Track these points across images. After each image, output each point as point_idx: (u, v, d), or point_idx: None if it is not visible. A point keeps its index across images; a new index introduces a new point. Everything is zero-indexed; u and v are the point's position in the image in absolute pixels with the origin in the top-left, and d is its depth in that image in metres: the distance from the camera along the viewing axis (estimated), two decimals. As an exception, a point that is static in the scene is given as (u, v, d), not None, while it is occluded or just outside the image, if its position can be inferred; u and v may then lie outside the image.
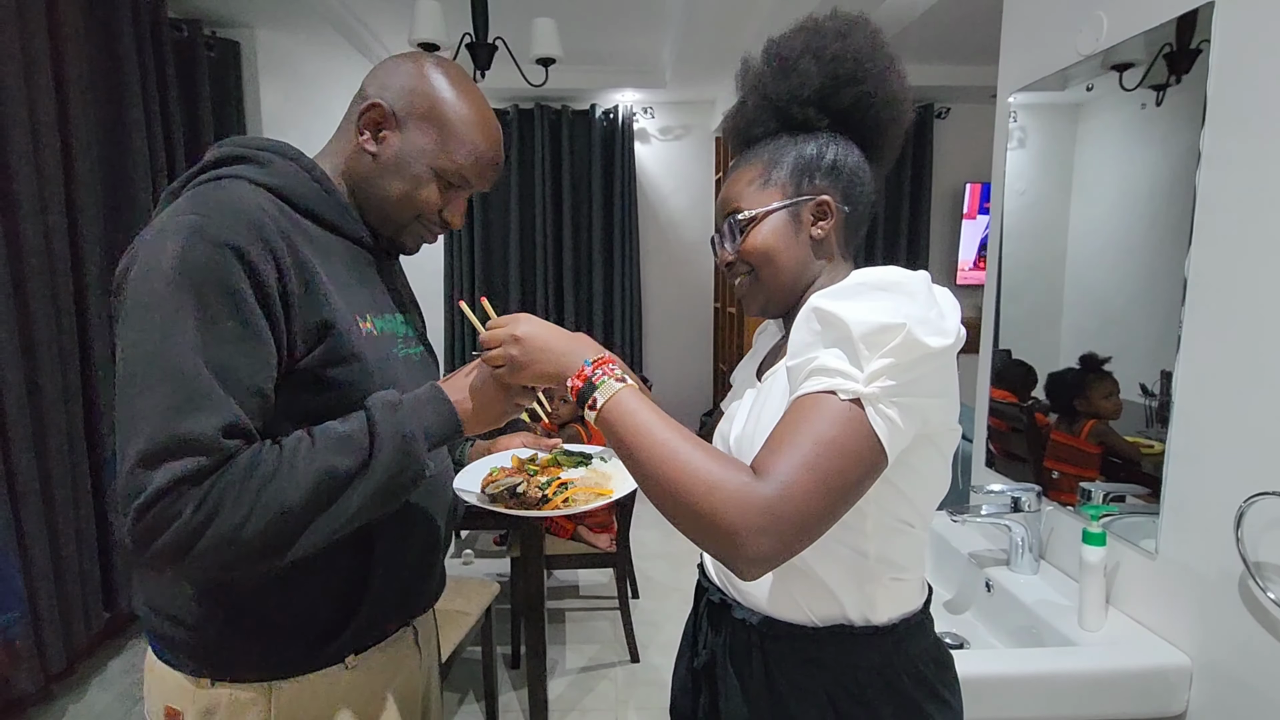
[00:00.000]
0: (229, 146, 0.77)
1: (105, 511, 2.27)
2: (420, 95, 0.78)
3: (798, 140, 0.76)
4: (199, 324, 0.63)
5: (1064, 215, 1.33)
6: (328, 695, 0.78)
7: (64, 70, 2.07)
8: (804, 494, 0.56)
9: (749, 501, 0.56)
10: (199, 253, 0.64)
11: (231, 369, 0.64)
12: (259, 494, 0.64)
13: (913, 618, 0.72)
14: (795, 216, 0.76)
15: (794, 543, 0.58)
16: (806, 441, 0.57)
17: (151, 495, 0.61)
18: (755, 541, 0.56)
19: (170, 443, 0.61)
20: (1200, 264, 0.99)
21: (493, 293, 4.40)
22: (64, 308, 2.09)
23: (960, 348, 0.63)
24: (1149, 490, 1.09)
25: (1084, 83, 1.25)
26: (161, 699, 0.78)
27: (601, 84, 3.97)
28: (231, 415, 0.64)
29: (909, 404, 0.60)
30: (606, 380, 0.66)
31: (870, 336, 0.59)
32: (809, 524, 0.57)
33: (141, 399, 0.62)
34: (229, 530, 0.62)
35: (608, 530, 2.44)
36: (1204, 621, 0.98)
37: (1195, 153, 0.99)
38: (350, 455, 0.67)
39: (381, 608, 0.81)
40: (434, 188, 0.80)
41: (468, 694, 2.16)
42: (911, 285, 0.63)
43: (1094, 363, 1.24)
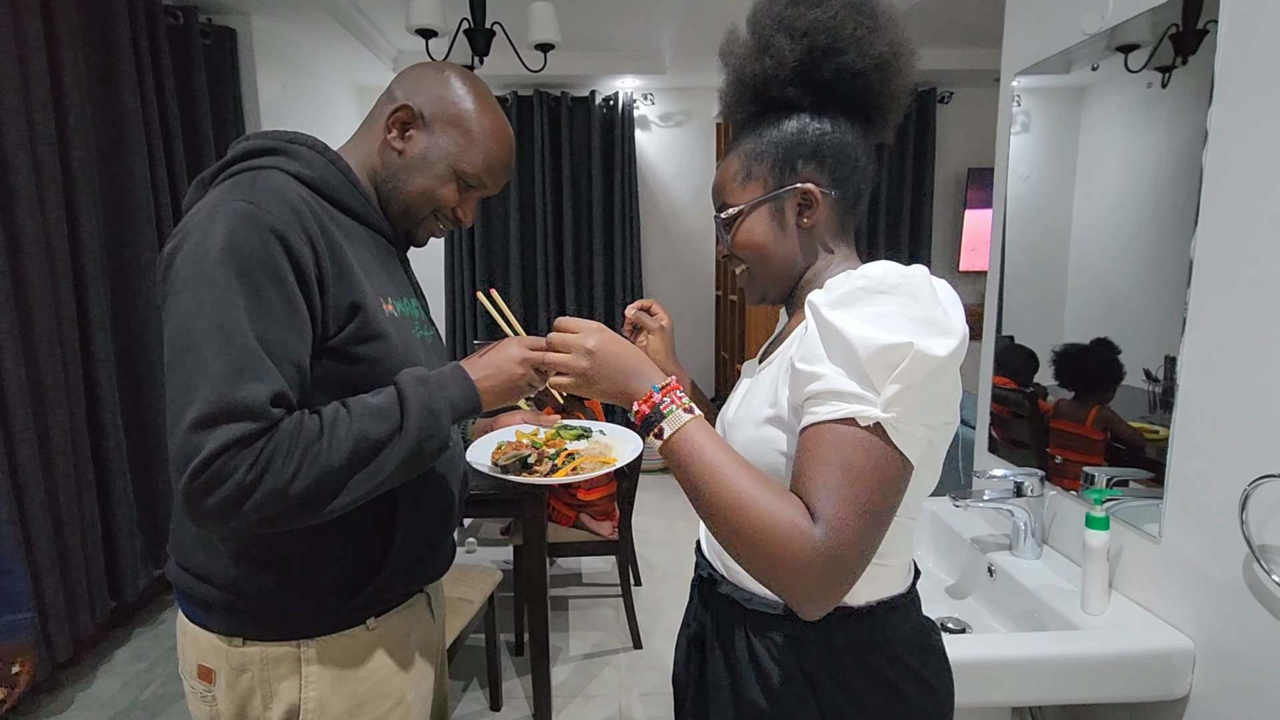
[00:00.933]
0: (258, 139, 0.81)
1: (110, 502, 2.28)
2: (447, 102, 0.85)
3: (779, 124, 0.73)
4: (248, 301, 0.68)
5: (1067, 200, 1.32)
6: (352, 654, 0.84)
7: (59, 58, 2.05)
8: (857, 536, 0.57)
9: (801, 549, 0.56)
10: (248, 236, 0.69)
11: (277, 343, 0.70)
12: (304, 456, 0.69)
13: (892, 601, 0.71)
14: (779, 209, 0.74)
15: (849, 582, 0.59)
16: (844, 477, 0.57)
17: (207, 456, 0.65)
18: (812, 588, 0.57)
19: (226, 408, 0.66)
20: (1206, 245, 0.98)
21: (493, 282, 4.39)
22: (64, 299, 2.08)
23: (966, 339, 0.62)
24: (1152, 475, 1.09)
25: (1088, 64, 1.23)
26: (195, 659, 0.83)
27: (601, 70, 3.94)
28: (279, 385, 0.69)
29: (930, 419, 0.61)
30: (675, 410, 0.65)
31: (878, 358, 0.57)
32: (862, 562, 0.59)
33: (197, 367, 0.67)
34: (279, 487, 0.68)
35: (610, 518, 2.44)
36: (1207, 605, 0.98)
37: (1201, 134, 0.98)
38: (383, 423, 0.73)
39: (401, 570, 0.85)
40: (453, 186, 0.87)
41: (471, 680, 2.17)
42: (912, 284, 0.61)
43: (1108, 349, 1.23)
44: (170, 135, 2.51)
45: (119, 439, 2.29)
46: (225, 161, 0.80)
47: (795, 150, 0.73)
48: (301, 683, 0.81)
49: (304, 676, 0.81)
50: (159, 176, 2.44)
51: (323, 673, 0.81)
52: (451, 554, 0.98)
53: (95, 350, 2.21)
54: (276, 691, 0.80)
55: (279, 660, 0.80)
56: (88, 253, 2.16)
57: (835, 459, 0.58)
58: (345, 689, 0.83)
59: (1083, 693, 1.02)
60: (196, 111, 2.66)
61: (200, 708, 0.84)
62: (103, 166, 2.30)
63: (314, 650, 0.81)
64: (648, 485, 3.78)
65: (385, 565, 0.83)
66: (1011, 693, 1.02)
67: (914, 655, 0.72)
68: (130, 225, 2.37)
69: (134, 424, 2.43)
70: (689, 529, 3.25)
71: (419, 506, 0.86)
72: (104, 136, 2.30)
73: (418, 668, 0.92)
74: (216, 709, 0.82)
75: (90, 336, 2.20)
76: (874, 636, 0.70)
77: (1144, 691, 1.02)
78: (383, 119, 0.85)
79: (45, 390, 2.00)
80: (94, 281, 2.19)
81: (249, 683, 0.80)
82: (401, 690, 0.89)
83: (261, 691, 0.80)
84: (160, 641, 2.40)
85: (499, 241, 4.34)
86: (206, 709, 0.83)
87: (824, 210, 0.74)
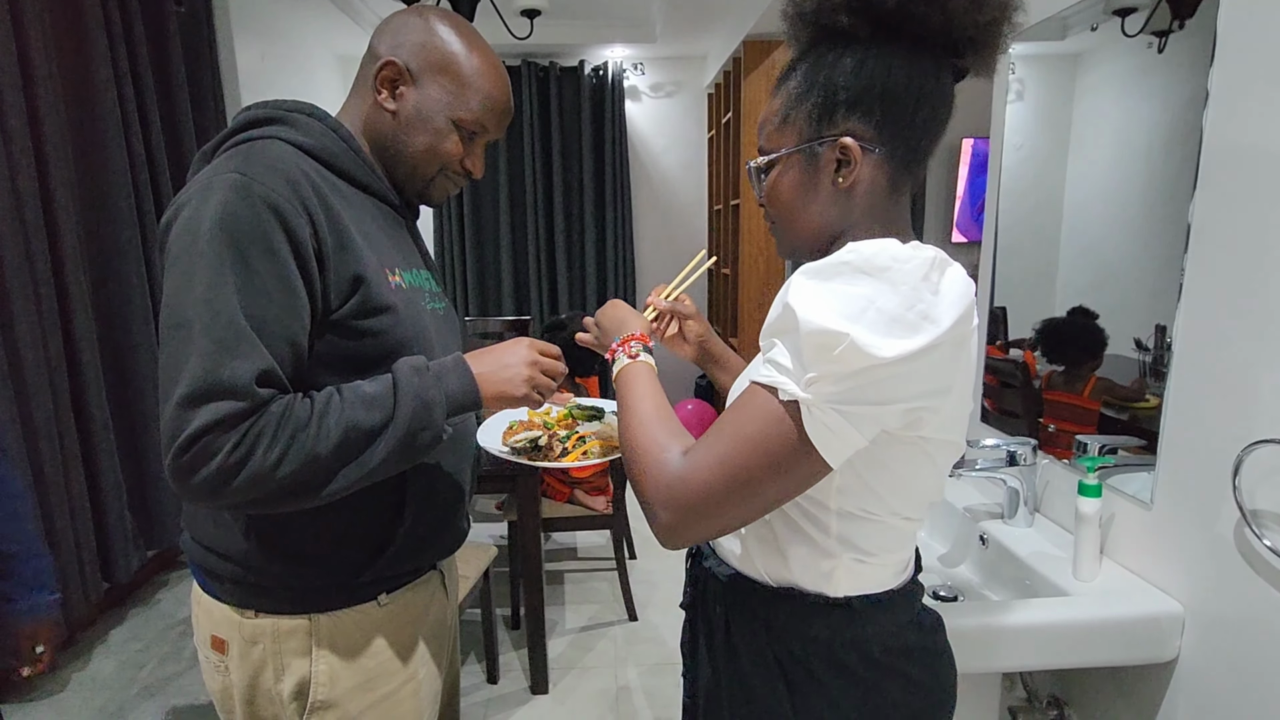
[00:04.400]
0: (258, 109, 0.79)
1: (98, 483, 2.26)
2: (432, 49, 0.81)
3: (828, 60, 0.63)
4: (238, 276, 0.67)
5: (1061, 170, 1.30)
6: (363, 629, 0.84)
7: (25, 28, 1.98)
8: (703, 482, 0.58)
9: (658, 476, 0.60)
10: (240, 209, 0.67)
11: (267, 320, 0.68)
12: (291, 440, 0.68)
13: (876, 597, 0.68)
14: (813, 163, 0.65)
15: (694, 525, 0.59)
16: (728, 432, 0.58)
17: (192, 434, 0.65)
18: (657, 514, 0.60)
19: (211, 386, 0.65)
20: (1204, 208, 0.96)
21: (483, 256, 4.34)
22: (41, 278, 2.04)
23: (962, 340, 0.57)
24: (1144, 443, 1.09)
25: (1084, 28, 1.20)
26: (209, 629, 0.83)
27: (590, 39, 3.85)
28: (266, 363, 0.67)
29: (859, 412, 0.55)
30: (621, 356, 0.74)
31: (813, 339, 0.54)
32: (709, 510, 0.58)
33: (184, 346, 0.66)
34: (263, 470, 0.67)
35: (604, 493, 2.45)
36: (1198, 569, 0.99)
37: (1199, 98, 0.96)
38: (375, 412, 0.72)
39: (411, 546, 0.85)
40: (455, 138, 0.83)
41: (469, 655, 2.19)
42: (901, 272, 0.54)
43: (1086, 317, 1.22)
44: (145, 107, 2.44)
45: (105, 419, 2.27)
46: (227, 133, 0.78)
47: (837, 96, 0.62)
48: (312, 656, 0.81)
49: (315, 650, 0.81)
50: (135, 151, 2.38)
51: (333, 647, 0.82)
52: (464, 530, 0.96)
53: (76, 329, 2.17)
54: (288, 664, 0.80)
55: (290, 633, 0.80)
56: (63, 228, 2.11)
57: (735, 415, 0.59)
58: (356, 664, 0.83)
59: (1073, 657, 1.03)
60: (172, 84, 2.58)
61: (214, 677, 0.84)
62: (76, 140, 2.23)
63: (325, 624, 0.81)
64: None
65: (394, 541, 0.83)
66: (1002, 659, 1.03)
67: (896, 653, 0.68)
68: (106, 201, 2.31)
69: (120, 404, 2.41)
70: (683, 502, 3.27)
71: (429, 482, 0.86)
72: (76, 110, 2.23)
73: (430, 645, 0.92)
74: (229, 679, 0.82)
75: (71, 315, 2.16)
76: (850, 630, 0.67)
77: (1133, 655, 1.03)
78: (370, 80, 0.82)
79: (25, 371, 1.96)
80: (72, 259, 2.14)
81: (261, 654, 0.80)
82: (414, 667, 0.89)
83: (273, 664, 0.80)
84: (155, 622, 2.40)
85: (489, 216, 4.29)
86: (220, 679, 0.83)
87: (866, 169, 0.64)
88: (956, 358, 0.57)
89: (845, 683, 0.67)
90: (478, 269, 4.34)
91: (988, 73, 0.65)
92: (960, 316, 0.55)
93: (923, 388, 0.56)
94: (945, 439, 0.62)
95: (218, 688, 0.84)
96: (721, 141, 3.93)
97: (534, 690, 2.02)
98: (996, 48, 0.63)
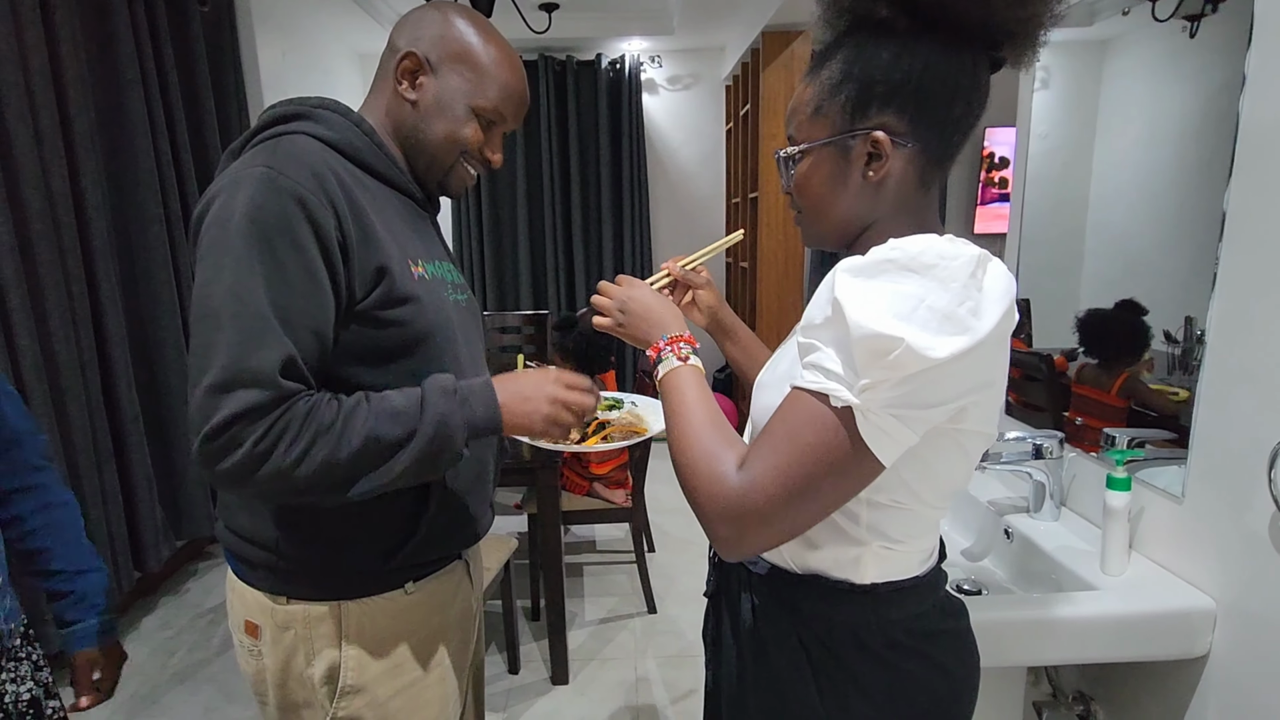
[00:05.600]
0: (284, 106, 0.81)
1: (130, 475, 2.31)
2: (450, 40, 0.83)
3: (863, 52, 0.62)
4: (265, 268, 0.68)
5: (1087, 158, 1.28)
6: (391, 616, 0.85)
7: (55, 30, 2.02)
8: (766, 496, 0.57)
9: (716, 491, 0.59)
10: (267, 202, 0.69)
11: (293, 310, 0.69)
12: (312, 443, 0.69)
13: (902, 583, 0.68)
14: (844, 156, 0.64)
15: (758, 538, 0.59)
16: (785, 443, 0.57)
17: (219, 423, 0.66)
18: (717, 529, 0.60)
19: (238, 374, 0.67)
20: (1241, 195, 0.94)
21: (501, 251, 4.36)
22: (73, 273, 2.08)
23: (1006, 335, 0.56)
24: (1174, 436, 1.07)
25: (1114, 13, 1.18)
26: (242, 614, 0.85)
27: (607, 32, 3.84)
28: (289, 351, 0.69)
29: (914, 415, 0.55)
30: (670, 357, 0.72)
31: (866, 344, 0.53)
32: (770, 522, 0.58)
33: (213, 334, 0.67)
34: (284, 467, 0.68)
35: (623, 486, 2.45)
36: (1231, 564, 0.97)
37: (1232, 83, 0.94)
38: (398, 427, 0.73)
39: (436, 534, 0.87)
40: (474, 125, 0.85)
41: (490, 645, 2.21)
42: (949, 268, 0.54)
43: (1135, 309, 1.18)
44: (171, 106, 2.48)
45: (135, 412, 2.32)
46: (254, 130, 0.80)
47: (872, 89, 0.61)
48: (342, 642, 0.82)
49: (344, 636, 0.83)
50: (161, 149, 2.42)
51: (362, 633, 0.83)
52: (489, 519, 0.98)
53: (107, 324, 2.22)
54: (319, 650, 0.82)
55: (320, 619, 0.82)
56: (94, 226, 2.16)
57: (788, 424, 0.58)
58: (384, 650, 0.85)
59: (1102, 652, 1.02)
60: (196, 82, 2.62)
61: (248, 661, 0.86)
62: (105, 139, 2.28)
63: (354, 611, 0.83)
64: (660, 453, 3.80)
65: (419, 529, 0.84)
66: (1028, 653, 1.02)
67: (921, 636, 0.68)
68: (134, 197, 2.36)
69: (150, 396, 2.46)
70: (701, 496, 3.27)
71: (453, 474, 0.86)
72: (104, 109, 2.27)
73: (456, 632, 0.94)
74: (263, 663, 0.84)
75: (101, 310, 2.21)
76: (875, 616, 0.67)
77: (1163, 650, 1.01)
78: (391, 72, 0.84)
79: (59, 365, 2.01)
80: (102, 254, 2.19)
81: (292, 640, 0.82)
82: (441, 653, 0.91)
83: (304, 649, 0.82)
84: (185, 610, 2.46)
85: (506, 210, 4.31)
86: (254, 663, 0.85)
87: (898, 163, 0.63)
88: (1001, 352, 0.57)
89: (870, 665, 0.67)
90: (495, 263, 4.36)
91: (1025, 65, 0.64)
92: (1005, 312, 0.55)
93: (971, 383, 0.56)
94: (980, 430, 0.62)
95: (251, 671, 0.87)
96: (739, 134, 3.91)
97: (554, 681, 2.04)
98: (1036, 41, 0.62)
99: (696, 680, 2.02)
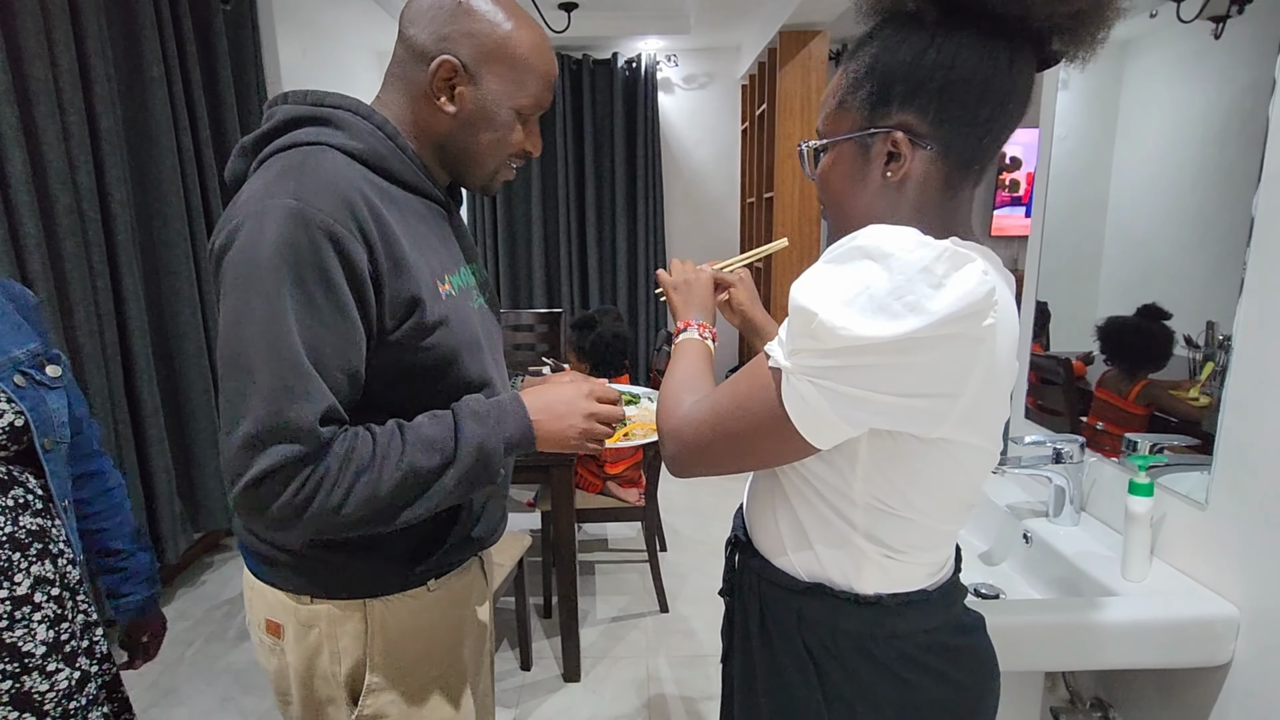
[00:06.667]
0: (299, 104, 0.76)
1: (149, 468, 2.34)
2: (484, 37, 0.76)
3: (890, 45, 0.60)
4: (297, 308, 0.66)
5: (1107, 160, 1.27)
6: (414, 613, 0.85)
7: (82, 30, 2.05)
8: (695, 426, 0.67)
9: (670, 414, 0.71)
10: (298, 238, 0.66)
11: (328, 353, 0.68)
12: (353, 483, 0.69)
13: (908, 596, 0.67)
14: (864, 153, 0.63)
15: (689, 460, 0.68)
16: (726, 388, 0.66)
17: (255, 476, 0.66)
18: (665, 445, 0.70)
19: (275, 429, 0.65)
20: (1271, 201, 0.93)
21: (515, 249, 4.37)
22: (97, 269, 2.11)
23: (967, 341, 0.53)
24: (1196, 442, 1.06)
25: (1141, 13, 1.17)
26: (263, 613, 0.85)
27: (624, 31, 3.85)
28: (328, 402, 0.68)
29: (836, 390, 0.55)
30: (694, 331, 0.84)
31: (795, 315, 0.57)
32: (700, 450, 0.67)
33: (247, 383, 0.66)
34: (328, 510, 0.69)
35: (636, 485, 2.46)
36: (1255, 572, 0.96)
37: (1259, 85, 0.93)
38: (435, 456, 0.73)
39: (465, 535, 0.87)
40: (519, 127, 0.82)
41: (503, 642, 2.22)
42: (902, 260, 0.53)
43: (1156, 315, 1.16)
44: (194, 103, 2.51)
45: (155, 405, 2.35)
46: (269, 130, 0.76)
47: (893, 86, 0.60)
48: (367, 640, 0.83)
49: (370, 634, 0.82)
50: (184, 145, 2.45)
51: (387, 630, 0.83)
52: (506, 516, 0.98)
53: (129, 318, 2.25)
54: (344, 648, 0.82)
55: (345, 618, 0.82)
56: (118, 221, 2.19)
57: (736, 375, 0.66)
58: (407, 646, 0.85)
59: (1121, 658, 1.01)
60: (218, 79, 2.65)
61: (269, 659, 0.86)
62: (130, 137, 2.31)
63: (379, 609, 0.82)
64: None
65: (451, 535, 0.84)
66: (1046, 658, 1.02)
67: (935, 651, 0.67)
68: (158, 195, 2.39)
69: (169, 391, 2.49)
70: (712, 496, 3.27)
71: None
72: (130, 106, 2.30)
73: (472, 626, 0.95)
74: (285, 660, 0.84)
75: (125, 305, 2.24)
76: (880, 628, 0.66)
77: (1185, 658, 1.00)
78: (422, 81, 0.77)
79: (84, 359, 2.04)
80: (125, 251, 2.22)
81: (317, 638, 0.82)
82: (458, 648, 0.92)
83: (329, 647, 0.82)
84: (202, 601, 2.49)
85: (521, 209, 4.32)
86: (275, 660, 0.85)
87: (917, 164, 0.61)
88: (965, 359, 0.54)
89: (880, 678, 0.66)
90: (509, 262, 4.37)
91: (1084, 60, 0.60)
92: (957, 313, 0.51)
93: (918, 384, 0.54)
94: (971, 444, 0.60)
95: (273, 668, 0.86)
96: (755, 133, 3.90)
97: (566, 678, 2.04)
98: (1095, 38, 0.58)
99: (708, 680, 2.02)
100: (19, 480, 0.91)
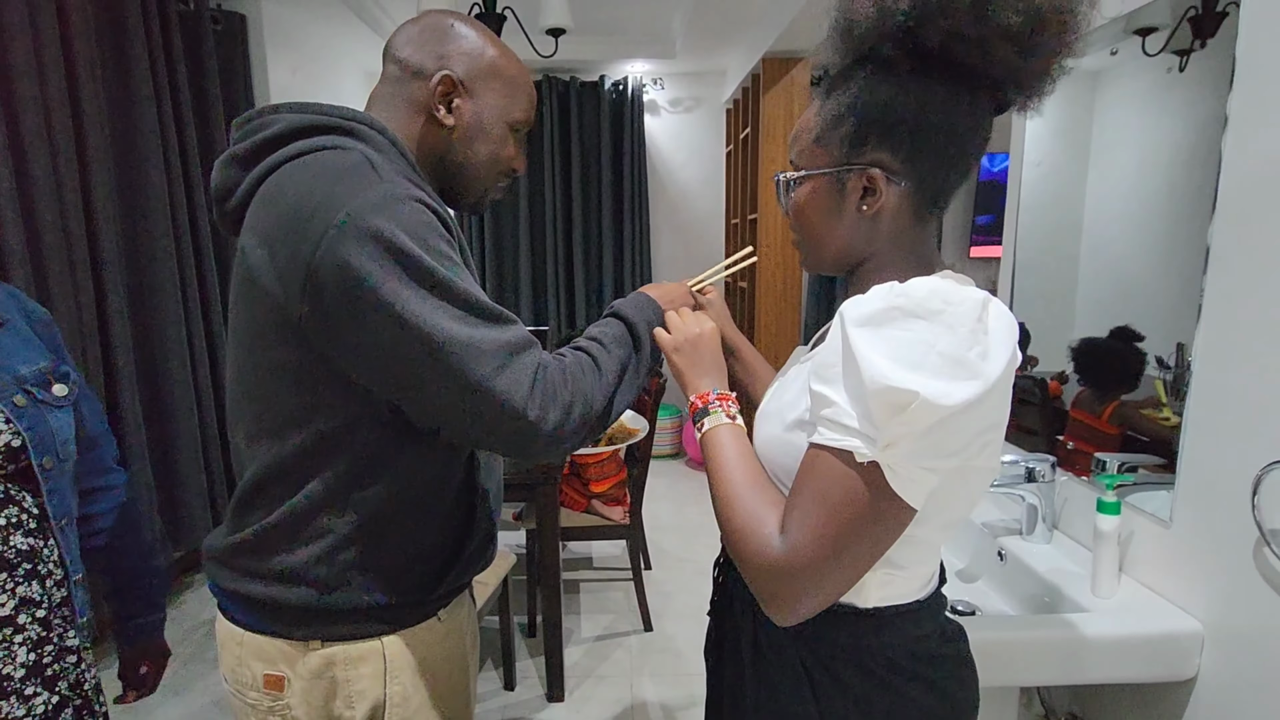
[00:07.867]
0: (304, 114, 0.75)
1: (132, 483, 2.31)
2: (476, 56, 0.80)
3: (866, 86, 0.63)
4: (446, 267, 0.68)
5: (1080, 187, 1.31)
6: (427, 645, 0.84)
7: (72, 47, 2.06)
8: (809, 561, 0.58)
9: (763, 561, 0.60)
10: (404, 212, 0.67)
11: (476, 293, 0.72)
12: (596, 376, 0.77)
13: (904, 607, 0.69)
14: (839, 188, 0.67)
15: (811, 600, 0.60)
16: (817, 505, 0.58)
17: (531, 381, 0.70)
18: (767, 600, 0.61)
19: (513, 344, 0.71)
20: (1224, 231, 0.98)
21: (502, 268, 4.39)
22: (82, 286, 2.11)
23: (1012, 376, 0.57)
24: (1164, 461, 1.09)
25: (1105, 47, 1.22)
26: (261, 669, 0.79)
27: (611, 54, 3.92)
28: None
29: (944, 460, 0.56)
30: (719, 413, 0.73)
31: (882, 397, 0.54)
32: (820, 584, 0.59)
33: (468, 330, 0.68)
34: (588, 400, 0.75)
35: (621, 503, 2.47)
36: (1217, 588, 0.99)
37: (1219, 119, 0.98)
38: (623, 348, 0.82)
39: (472, 558, 0.87)
40: (512, 141, 0.84)
41: (486, 661, 2.21)
42: (955, 313, 0.55)
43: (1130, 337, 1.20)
44: (183, 123, 2.52)
45: (138, 423, 2.33)
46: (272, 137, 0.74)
47: (870, 126, 0.63)
48: (386, 678, 0.80)
49: (389, 671, 0.80)
50: (173, 164, 2.46)
51: (405, 666, 0.81)
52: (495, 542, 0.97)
53: (114, 338, 2.24)
54: (361, 690, 0.79)
55: (361, 659, 0.79)
56: (105, 240, 2.19)
57: (817, 484, 0.58)
58: (424, 681, 0.83)
59: (1093, 673, 1.03)
60: (208, 99, 2.67)
61: None
62: (117, 155, 2.31)
63: (394, 645, 0.80)
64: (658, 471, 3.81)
65: (461, 555, 0.84)
66: (1020, 674, 1.04)
67: (922, 660, 0.69)
68: (145, 213, 2.39)
69: (153, 410, 2.47)
70: (698, 514, 3.28)
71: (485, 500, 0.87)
72: (118, 124, 2.31)
73: (472, 654, 0.94)
74: (290, 715, 0.79)
75: (109, 323, 2.23)
76: (876, 638, 0.68)
77: (1153, 672, 1.03)
78: (423, 96, 0.79)
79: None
80: (111, 269, 2.21)
81: (329, 685, 0.78)
82: (466, 677, 0.90)
83: (344, 691, 0.78)
84: (181, 622, 2.45)
85: (508, 228, 4.35)
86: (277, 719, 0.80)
87: (891, 199, 0.65)
88: (1009, 391, 0.58)
89: (872, 688, 0.68)
90: (496, 280, 4.39)
91: (1032, 110, 0.65)
92: (1012, 353, 0.56)
93: (984, 424, 0.57)
94: (987, 465, 0.63)
95: None
96: (740, 156, 3.97)
97: (550, 698, 2.04)
98: (1042, 89, 0.63)
99: (692, 698, 2.02)
100: (14, 499, 0.90)
